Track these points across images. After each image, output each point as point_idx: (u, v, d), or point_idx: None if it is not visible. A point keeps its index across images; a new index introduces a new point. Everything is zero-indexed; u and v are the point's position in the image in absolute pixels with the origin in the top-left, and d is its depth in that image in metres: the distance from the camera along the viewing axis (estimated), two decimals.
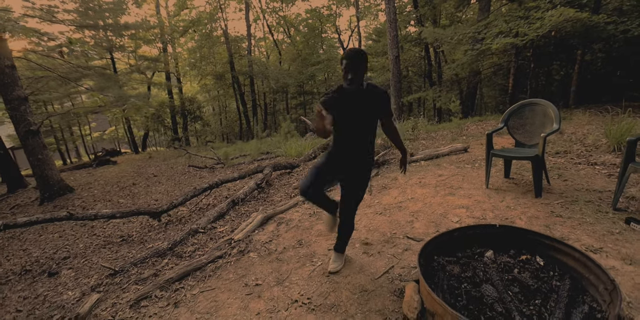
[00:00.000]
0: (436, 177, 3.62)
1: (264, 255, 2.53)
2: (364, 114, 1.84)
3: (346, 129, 1.87)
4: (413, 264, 2.07)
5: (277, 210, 3.30)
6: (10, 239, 4.67)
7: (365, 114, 1.85)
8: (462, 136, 5.70)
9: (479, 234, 1.86)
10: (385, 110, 1.92)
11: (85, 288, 2.51)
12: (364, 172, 1.97)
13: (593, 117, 5.29)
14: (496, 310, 1.40)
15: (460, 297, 1.51)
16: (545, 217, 2.37)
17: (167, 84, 17.21)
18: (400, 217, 2.74)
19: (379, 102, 1.85)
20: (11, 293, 2.81)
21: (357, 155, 1.93)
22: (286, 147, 6.95)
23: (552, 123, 2.75)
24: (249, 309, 1.91)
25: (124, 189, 7.08)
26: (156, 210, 3.68)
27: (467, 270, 1.69)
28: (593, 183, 2.87)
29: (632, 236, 2.02)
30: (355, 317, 1.69)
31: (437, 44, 9.41)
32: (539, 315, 1.36)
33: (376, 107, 1.86)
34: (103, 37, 11.57)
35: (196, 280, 2.34)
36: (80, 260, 3.23)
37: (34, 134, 6.42)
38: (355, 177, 1.96)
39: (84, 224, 4.60)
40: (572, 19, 5.46)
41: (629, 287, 1.61)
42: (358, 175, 1.96)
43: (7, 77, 6.01)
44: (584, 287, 1.50)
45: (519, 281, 1.56)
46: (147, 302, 2.15)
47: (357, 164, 1.94)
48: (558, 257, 1.63)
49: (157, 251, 2.83)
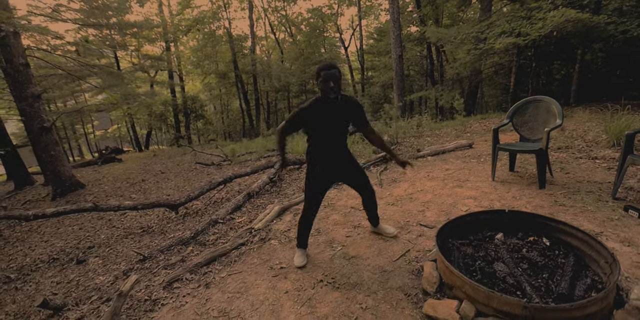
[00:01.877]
0: (443, 171, 3.78)
1: (285, 242, 2.69)
2: (341, 123, 2.00)
3: (328, 136, 2.02)
4: (427, 248, 2.23)
5: (292, 202, 3.45)
6: (28, 232, 4.82)
7: (342, 123, 2.01)
8: (465, 133, 5.86)
9: (489, 218, 2.02)
10: (363, 119, 2.07)
11: (117, 273, 2.67)
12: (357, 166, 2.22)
13: (593, 115, 5.45)
14: (508, 282, 1.56)
15: (475, 272, 1.68)
16: (549, 206, 2.53)
17: (170, 82, 17.33)
18: (412, 207, 2.90)
19: (355, 112, 2.02)
20: (43, 279, 2.97)
21: (343, 157, 2.14)
22: (293, 144, 7.10)
23: (555, 118, 2.91)
24: (277, 288, 2.07)
25: (134, 185, 7.23)
26: (174, 203, 3.83)
27: (480, 251, 1.85)
28: (594, 175, 3.03)
29: (630, 222, 2.18)
30: (378, 293, 1.85)
31: (440, 43, 9.57)
32: (546, 287, 1.52)
33: (352, 117, 2.03)
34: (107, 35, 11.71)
35: (222, 265, 2.50)
36: (105, 249, 3.39)
37: (47, 130, 6.56)
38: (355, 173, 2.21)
39: (101, 217, 4.76)
40: (573, 20, 5.61)
41: (627, 265, 1.77)
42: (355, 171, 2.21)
43: (22, 75, 6.15)
44: (586, 263, 1.66)
45: (527, 259, 1.72)
46: (179, 284, 2.30)
47: (348, 163, 2.17)
48: (563, 237, 1.79)
49: (181, 240, 2.98)
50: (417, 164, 4.29)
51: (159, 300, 2.15)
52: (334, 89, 1.82)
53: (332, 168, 2.12)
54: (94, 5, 8.58)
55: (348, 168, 2.19)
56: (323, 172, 2.09)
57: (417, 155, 4.55)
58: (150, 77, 17.31)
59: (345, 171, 2.19)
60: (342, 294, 1.90)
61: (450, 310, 1.50)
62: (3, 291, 2.88)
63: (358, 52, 18.63)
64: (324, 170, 2.09)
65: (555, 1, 6.14)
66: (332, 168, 2.11)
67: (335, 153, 2.10)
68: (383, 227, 2.48)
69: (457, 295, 1.56)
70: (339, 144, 2.09)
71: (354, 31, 20.62)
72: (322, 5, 18.73)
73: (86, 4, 8.21)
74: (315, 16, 18.75)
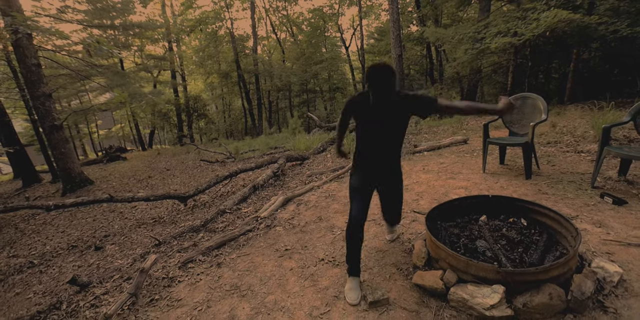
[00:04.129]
0: (438, 164, 3.99)
1: (289, 228, 2.91)
2: (392, 129, 1.76)
3: (374, 141, 1.80)
4: (419, 231, 2.44)
5: (295, 193, 3.67)
6: (42, 224, 5.06)
7: (395, 126, 1.76)
8: (462, 130, 6.06)
9: (474, 203, 2.24)
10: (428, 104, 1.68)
11: (134, 256, 2.90)
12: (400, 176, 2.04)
13: (585, 112, 5.65)
14: (487, 255, 1.78)
15: (459, 248, 1.89)
16: (533, 194, 2.74)
17: (173, 82, 17.57)
18: (407, 196, 3.11)
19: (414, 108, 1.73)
20: (65, 263, 3.20)
21: (391, 166, 1.93)
22: (295, 142, 7.32)
23: (540, 114, 3.11)
24: (282, 266, 2.29)
25: (141, 181, 7.46)
26: (184, 195, 4.05)
27: (465, 231, 2.06)
28: (577, 167, 3.24)
29: (604, 207, 2.39)
30: (374, 269, 2.07)
31: (439, 43, 9.75)
32: (520, 259, 1.74)
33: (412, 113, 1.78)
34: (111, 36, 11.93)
35: (232, 248, 2.72)
36: (120, 238, 3.62)
37: (58, 128, 6.80)
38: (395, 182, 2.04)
39: (112, 210, 4.99)
40: (566, 20, 5.80)
41: (595, 242, 1.98)
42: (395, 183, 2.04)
43: (34, 74, 6.39)
44: (557, 240, 1.87)
45: (506, 237, 1.93)
46: (193, 264, 2.53)
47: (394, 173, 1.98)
48: (538, 218, 2.00)
49: (192, 227, 3.21)
50: (413, 158, 4.50)
51: (175, 278, 2.37)
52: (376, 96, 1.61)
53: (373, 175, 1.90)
54: (99, 6, 8.82)
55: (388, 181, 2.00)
56: (363, 177, 1.88)
57: (414, 150, 4.75)
58: (154, 76, 17.56)
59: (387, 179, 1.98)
60: (342, 270, 2.11)
61: (436, 278, 1.71)
62: (29, 274, 3.12)
63: (359, 51, 18.80)
64: (365, 175, 1.88)
65: (549, 2, 6.33)
66: (372, 175, 1.90)
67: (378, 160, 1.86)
68: (389, 230, 2.39)
69: (442, 266, 1.78)
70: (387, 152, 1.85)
71: (355, 31, 20.80)
72: (323, 5, 18.94)
73: (91, 5, 8.44)
74: (316, 16, 18.95)
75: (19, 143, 9.17)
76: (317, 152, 6.16)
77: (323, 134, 8.73)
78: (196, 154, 10.08)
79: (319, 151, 6.19)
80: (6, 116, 8.98)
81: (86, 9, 8.35)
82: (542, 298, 1.44)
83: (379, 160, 1.86)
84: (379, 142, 1.80)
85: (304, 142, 6.99)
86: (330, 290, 1.93)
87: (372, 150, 1.84)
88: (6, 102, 14.21)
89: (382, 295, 1.73)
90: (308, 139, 7.33)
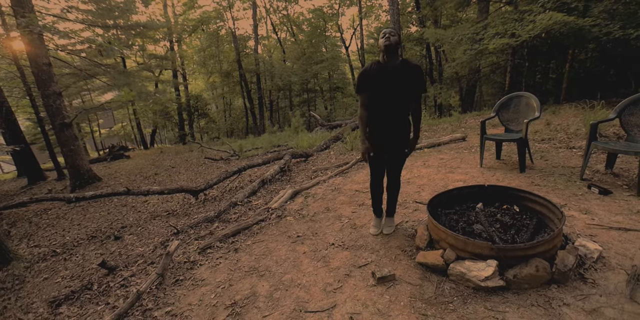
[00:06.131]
0: (438, 160, 4.20)
1: (299, 218, 3.11)
2: (399, 88, 2.03)
3: (382, 103, 2.08)
4: (421, 219, 2.65)
5: (303, 186, 3.88)
6: (56, 218, 5.24)
7: (400, 88, 2.03)
8: (461, 128, 6.28)
9: (471, 192, 2.44)
10: (418, 86, 2.04)
11: (154, 244, 3.10)
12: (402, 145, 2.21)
13: (579, 111, 5.86)
14: (482, 236, 1.99)
15: (457, 231, 2.09)
16: (526, 186, 2.95)
17: (174, 81, 17.74)
18: (409, 189, 3.32)
19: (411, 78, 2.02)
20: (87, 252, 3.40)
21: (394, 130, 2.14)
22: (298, 140, 7.52)
23: (534, 112, 3.32)
24: (296, 250, 2.49)
25: (148, 178, 7.65)
26: (195, 189, 4.25)
27: (463, 217, 2.27)
28: (569, 162, 3.45)
29: (591, 196, 2.60)
30: (380, 251, 2.27)
31: (439, 44, 9.96)
32: (512, 239, 1.95)
33: (409, 83, 2.04)
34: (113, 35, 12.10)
35: (246, 236, 2.92)
36: (137, 229, 3.82)
37: (67, 126, 6.99)
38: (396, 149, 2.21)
39: (125, 204, 5.19)
40: (561, 22, 6.01)
41: (581, 226, 2.19)
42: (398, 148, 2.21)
43: (45, 74, 6.57)
44: (546, 223, 2.08)
45: (500, 221, 2.14)
46: (212, 250, 2.73)
47: (396, 137, 2.17)
48: (529, 204, 2.21)
49: (206, 218, 3.41)
50: (414, 154, 4.70)
51: (196, 261, 2.57)
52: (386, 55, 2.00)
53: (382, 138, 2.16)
54: (102, 6, 8.99)
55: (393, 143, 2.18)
56: (375, 141, 2.18)
57: (415, 147, 4.96)
58: (155, 76, 17.72)
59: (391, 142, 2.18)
60: (351, 253, 2.32)
61: (437, 256, 1.92)
62: (53, 262, 3.31)
63: (359, 51, 19.01)
64: (376, 139, 2.18)
65: (545, 4, 6.54)
66: (382, 138, 2.16)
67: (386, 122, 2.11)
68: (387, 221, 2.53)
69: (442, 246, 1.99)
70: (394, 113, 2.09)
71: (355, 31, 21.02)
72: (323, 5, 19.13)
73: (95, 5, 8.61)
74: (316, 16, 19.15)
75: (24, 141, 9.34)
76: (320, 149, 6.36)
77: (325, 132, 8.93)
78: (200, 152, 10.26)
79: (322, 149, 6.39)
80: (12, 115, 9.14)
81: (90, 8, 8.52)
82: (529, 270, 1.65)
83: (387, 122, 2.12)
84: (387, 104, 2.08)
85: (307, 140, 7.19)
86: (341, 269, 2.13)
87: (381, 113, 2.12)
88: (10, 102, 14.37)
89: (389, 272, 1.94)
90: (311, 137, 7.54)
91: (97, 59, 9.42)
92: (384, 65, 2.05)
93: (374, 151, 2.22)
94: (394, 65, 2.03)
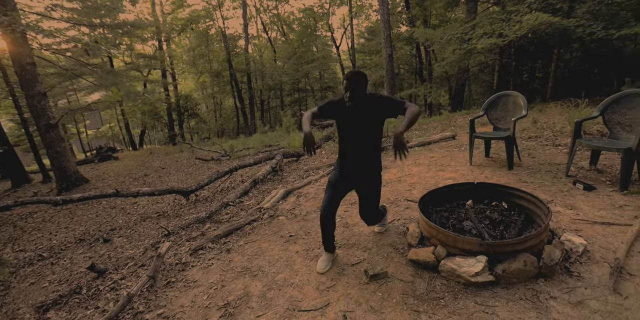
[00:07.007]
0: (428, 158, 4.25)
1: (291, 217, 3.11)
2: (365, 127, 1.93)
3: (350, 140, 1.99)
4: (413, 217, 2.68)
5: (294, 186, 3.87)
6: (42, 222, 5.12)
7: (366, 126, 1.93)
8: (450, 127, 6.36)
9: (461, 189, 2.48)
10: (397, 108, 1.86)
11: (145, 246, 3.05)
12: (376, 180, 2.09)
13: (564, 109, 6.00)
14: (472, 233, 2.02)
15: (448, 228, 2.12)
16: (514, 183, 3.01)
17: (163, 81, 17.49)
18: (400, 187, 3.35)
19: (382, 108, 1.90)
20: (75, 255, 3.33)
21: (365, 166, 2.01)
22: (290, 140, 7.51)
23: (521, 110, 3.39)
24: (288, 250, 2.49)
25: (137, 180, 7.53)
26: (186, 190, 4.21)
27: (453, 214, 2.30)
28: (555, 159, 3.53)
29: (576, 192, 2.67)
30: (372, 249, 2.29)
31: (428, 43, 10.06)
32: (501, 235, 1.98)
33: (382, 116, 1.95)
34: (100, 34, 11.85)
35: (239, 236, 2.91)
36: (127, 231, 3.76)
37: (53, 127, 6.82)
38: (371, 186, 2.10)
39: (114, 206, 5.10)
40: (546, 22, 6.15)
41: (566, 221, 2.25)
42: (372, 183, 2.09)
43: (29, 73, 6.40)
44: (533, 219, 2.13)
45: (489, 218, 2.18)
46: (203, 251, 2.71)
47: (368, 173, 2.04)
48: (517, 201, 2.26)
49: (198, 219, 3.38)
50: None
51: (188, 263, 2.55)
52: (349, 97, 1.87)
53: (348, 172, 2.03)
54: (88, 4, 8.80)
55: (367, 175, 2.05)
56: (340, 178, 2.05)
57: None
58: (144, 76, 17.44)
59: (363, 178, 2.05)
60: (344, 251, 2.33)
61: (428, 253, 1.95)
62: (40, 266, 3.23)
63: (350, 51, 19.07)
64: (342, 176, 2.05)
65: (531, 5, 6.67)
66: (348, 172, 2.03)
67: (352, 158, 2.00)
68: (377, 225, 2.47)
69: (433, 243, 2.01)
70: (364, 149, 1.98)
71: (346, 30, 21.05)
72: (313, 5, 19.12)
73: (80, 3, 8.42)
74: (307, 15, 19.12)
75: (7, 143, 9.08)
76: None
77: (316, 131, 8.93)
78: (190, 153, 10.15)
79: None
80: None
81: (75, 7, 8.32)
82: (518, 265, 1.69)
83: (353, 158, 2.00)
84: (353, 141, 1.98)
85: (299, 140, 7.17)
86: (334, 268, 2.14)
87: (348, 149, 2.01)
88: None
89: (381, 270, 1.96)
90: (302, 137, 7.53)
91: (83, 59, 9.24)
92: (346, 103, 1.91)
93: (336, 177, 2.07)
94: (359, 105, 1.90)
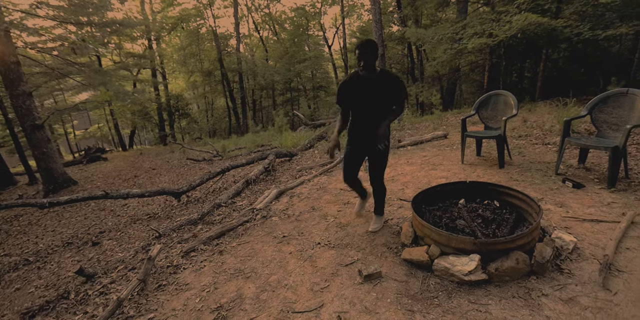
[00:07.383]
0: (421, 157, 4.27)
1: (284, 218, 3.09)
2: (375, 98, 2.09)
3: (360, 112, 2.16)
4: (406, 216, 2.68)
5: (288, 186, 3.85)
6: (28, 225, 5.00)
7: (376, 98, 2.08)
8: (442, 126, 6.41)
9: (454, 188, 2.50)
10: (397, 95, 2.09)
11: (135, 248, 2.99)
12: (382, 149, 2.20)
13: (553, 108, 6.10)
14: (465, 231, 2.03)
15: (441, 227, 2.13)
16: (506, 181, 3.04)
17: (154, 80, 17.23)
18: (394, 186, 3.36)
19: (390, 88, 2.07)
20: (62, 259, 3.25)
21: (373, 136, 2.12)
22: (282, 139, 7.47)
23: (512, 109, 3.43)
24: (282, 251, 2.47)
25: (127, 181, 7.40)
26: (177, 191, 4.14)
27: (446, 213, 2.31)
28: (544, 157, 3.58)
29: (565, 190, 2.71)
30: (366, 249, 2.29)
31: (420, 43, 10.12)
32: (493, 233, 2.00)
33: (388, 93, 2.09)
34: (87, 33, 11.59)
35: (231, 237, 2.87)
36: (116, 233, 3.68)
37: (39, 128, 6.65)
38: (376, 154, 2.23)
39: (103, 208, 4.99)
40: (535, 23, 6.24)
41: (557, 219, 2.28)
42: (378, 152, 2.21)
43: (13, 73, 6.23)
44: (525, 217, 2.16)
45: (481, 216, 2.20)
46: (195, 253, 2.67)
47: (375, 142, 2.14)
48: (509, 199, 2.28)
49: (189, 220, 3.33)
50: (398, 152, 4.77)
51: (180, 265, 2.51)
52: (363, 66, 2.00)
53: (361, 145, 2.24)
54: (75, 2, 8.58)
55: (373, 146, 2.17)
56: (352, 148, 2.28)
57: (398, 145, 5.03)
58: (133, 75, 17.15)
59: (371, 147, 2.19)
60: (337, 251, 2.32)
61: (422, 252, 1.95)
62: (25, 271, 3.15)
63: (342, 50, 19.08)
64: (353, 146, 2.27)
65: (520, 6, 6.77)
66: (360, 145, 2.24)
67: (368, 128, 2.13)
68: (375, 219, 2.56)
69: (426, 242, 2.02)
70: (373, 120, 2.11)
71: (337, 30, 21.05)
72: (305, 4, 19.08)
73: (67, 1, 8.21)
74: (298, 15, 19.05)
75: None
76: (304, 148, 6.34)
77: (309, 131, 8.92)
78: (181, 153, 10.02)
79: (306, 148, 6.38)
80: None
81: (62, 4, 8.12)
82: (510, 263, 1.70)
83: (365, 127, 2.17)
84: (366, 108, 2.14)
85: (291, 140, 7.15)
86: (328, 268, 2.13)
87: (360, 118, 2.20)
88: None
89: (375, 270, 1.95)
90: (295, 137, 7.50)
91: (70, 58, 9.02)
92: (361, 76, 2.09)
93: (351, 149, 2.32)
94: (371, 77, 2.07)
